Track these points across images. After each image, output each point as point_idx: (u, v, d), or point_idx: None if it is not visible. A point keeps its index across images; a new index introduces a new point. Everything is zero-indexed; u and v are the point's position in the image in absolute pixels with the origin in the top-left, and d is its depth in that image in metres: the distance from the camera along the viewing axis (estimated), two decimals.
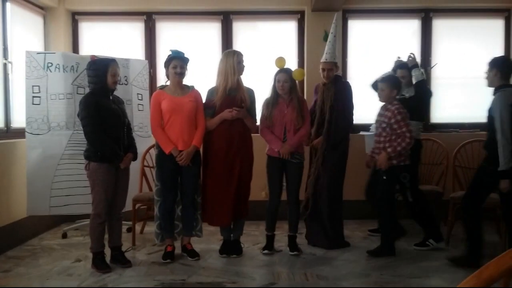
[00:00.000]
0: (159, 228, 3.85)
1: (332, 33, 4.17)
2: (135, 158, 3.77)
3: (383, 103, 3.95)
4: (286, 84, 3.86)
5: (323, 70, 4.11)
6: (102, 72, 3.49)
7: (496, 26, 5.48)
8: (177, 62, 3.74)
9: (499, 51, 5.40)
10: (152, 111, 3.78)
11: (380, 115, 3.93)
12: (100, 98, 3.50)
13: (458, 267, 3.57)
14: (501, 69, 3.54)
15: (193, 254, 3.85)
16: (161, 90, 3.82)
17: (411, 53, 4.42)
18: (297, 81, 3.99)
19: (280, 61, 3.93)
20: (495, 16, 5.49)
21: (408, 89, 4.36)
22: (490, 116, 3.53)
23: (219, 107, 3.81)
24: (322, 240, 4.15)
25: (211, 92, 3.90)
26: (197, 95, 3.87)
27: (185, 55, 3.82)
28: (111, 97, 3.61)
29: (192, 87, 3.89)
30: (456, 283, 0.95)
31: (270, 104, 3.94)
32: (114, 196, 3.61)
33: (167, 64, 3.79)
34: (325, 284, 3.27)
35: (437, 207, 4.49)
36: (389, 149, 3.81)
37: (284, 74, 3.88)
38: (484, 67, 3.63)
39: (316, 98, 4.20)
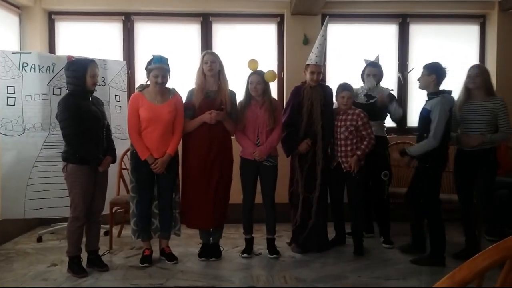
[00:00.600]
0: (136, 225, 3.81)
1: (322, 36, 4.11)
2: (114, 161, 3.73)
3: (339, 109, 4.11)
4: (259, 86, 3.86)
5: (313, 73, 4.00)
6: (81, 73, 3.43)
7: (472, 31, 5.60)
8: (159, 71, 3.64)
9: (475, 56, 5.54)
10: (129, 116, 3.72)
11: (342, 120, 4.04)
12: (79, 99, 3.44)
13: (423, 266, 3.72)
14: (439, 76, 3.79)
15: (172, 258, 3.82)
16: (140, 94, 3.74)
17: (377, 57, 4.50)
18: (269, 83, 3.98)
19: (253, 63, 3.92)
20: (470, 22, 5.61)
21: (379, 90, 4.41)
22: (426, 117, 3.73)
23: (198, 109, 3.79)
24: (313, 244, 4.09)
25: (191, 93, 3.88)
26: (178, 101, 3.79)
27: (168, 61, 3.72)
28: (90, 99, 3.55)
29: (174, 90, 3.82)
30: (432, 284, 0.96)
31: (243, 106, 3.93)
32: (93, 199, 3.56)
33: (148, 70, 3.71)
34: (303, 287, 3.29)
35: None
36: (358, 152, 3.97)
37: (257, 76, 3.87)
38: (424, 71, 3.86)
39: (296, 101, 4.08)
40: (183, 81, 4.27)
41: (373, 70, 4.40)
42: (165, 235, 3.89)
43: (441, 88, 3.81)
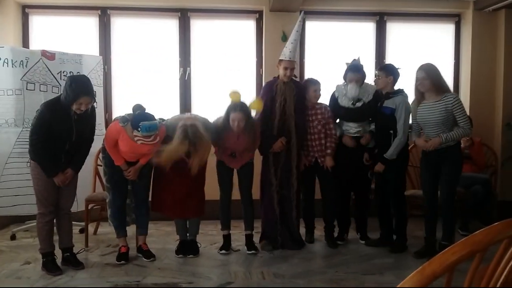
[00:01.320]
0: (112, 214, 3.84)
1: (297, 31, 4.06)
2: (76, 172, 3.59)
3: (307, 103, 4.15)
4: (242, 123, 3.71)
5: (286, 69, 3.97)
6: (70, 97, 3.28)
7: (447, 30, 5.69)
8: (146, 138, 3.43)
9: (450, 54, 5.63)
10: (107, 139, 3.62)
11: (313, 114, 4.13)
12: (60, 112, 3.33)
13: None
14: (396, 77, 4.05)
15: (149, 255, 3.79)
16: (122, 128, 3.49)
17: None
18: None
19: (235, 95, 3.76)
20: (446, 20, 5.70)
21: (363, 91, 4.13)
22: (391, 115, 3.94)
23: None
24: (288, 242, 4.10)
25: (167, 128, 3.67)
26: (160, 137, 3.53)
27: (157, 126, 3.43)
28: (75, 116, 3.39)
29: (158, 126, 3.48)
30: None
31: (221, 131, 3.79)
32: (60, 196, 3.52)
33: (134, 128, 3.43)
34: (281, 283, 3.30)
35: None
36: (329, 151, 4.11)
37: (238, 114, 3.68)
38: (381, 73, 4.07)
39: (269, 97, 4.03)
40: (160, 77, 4.23)
41: (355, 77, 4.08)
42: (142, 232, 3.87)
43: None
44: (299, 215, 4.16)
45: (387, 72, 4.03)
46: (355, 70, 4.12)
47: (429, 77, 3.73)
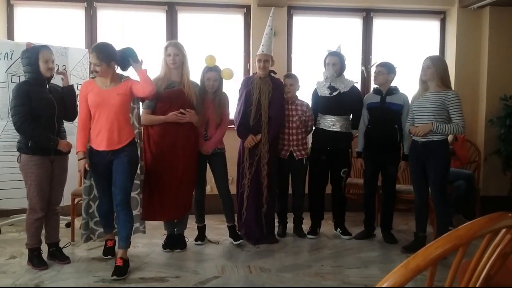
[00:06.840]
0: (85, 228, 3.73)
1: (269, 25, 4.16)
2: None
3: (287, 99, 4.28)
4: (216, 83, 3.96)
5: (259, 61, 4.10)
6: (33, 59, 3.32)
7: (433, 27, 5.75)
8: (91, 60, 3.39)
9: (435, 51, 5.68)
10: (79, 104, 3.50)
11: (293, 110, 4.27)
12: (34, 86, 3.33)
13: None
14: (395, 74, 4.23)
15: (120, 272, 3.30)
16: (92, 80, 3.50)
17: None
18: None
19: (211, 59, 3.98)
20: (431, 17, 5.75)
21: (341, 81, 4.30)
22: (396, 111, 4.14)
23: (160, 101, 3.75)
24: (260, 237, 4.12)
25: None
26: (130, 86, 3.42)
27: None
28: (47, 86, 3.43)
29: (125, 76, 3.52)
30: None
31: (199, 100, 3.91)
32: (50, 191, 3.46)
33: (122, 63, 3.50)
34: (268, 276, 3.33)
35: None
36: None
37: (214, 73, 3.96)
38: (384, 69, 4.17)
39: (246, 90, 4.13)
40: (148, 71, 4.20)
41: (332, 59, 4.26)
42: (122, 243, 3.42)
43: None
44: (271, 210, 4.20)
45: (390, 69, 4.17)
46: (333, 54, 4.33)
47: (433, 66, 3.76)
